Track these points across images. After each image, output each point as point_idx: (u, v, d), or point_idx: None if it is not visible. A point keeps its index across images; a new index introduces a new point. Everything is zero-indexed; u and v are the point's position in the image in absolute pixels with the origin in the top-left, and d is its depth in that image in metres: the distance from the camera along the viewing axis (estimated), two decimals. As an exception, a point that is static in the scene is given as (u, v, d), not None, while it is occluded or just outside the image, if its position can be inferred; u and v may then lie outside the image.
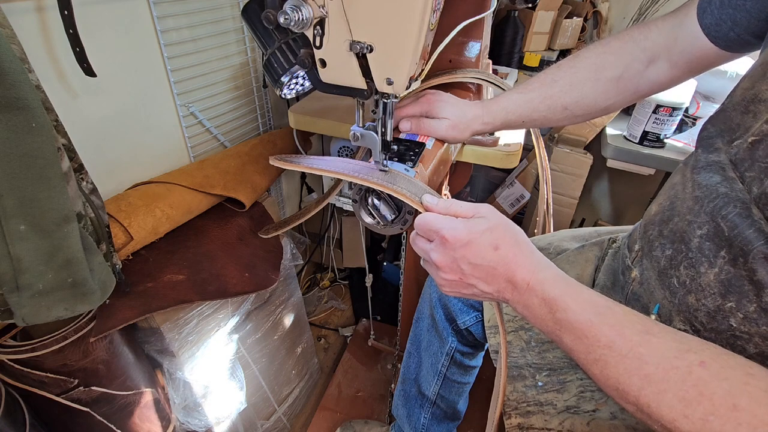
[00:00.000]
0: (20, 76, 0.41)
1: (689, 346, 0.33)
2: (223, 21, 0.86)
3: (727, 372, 0.31)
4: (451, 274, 0.43)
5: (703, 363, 0.31)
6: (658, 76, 0.57)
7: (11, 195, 0.43)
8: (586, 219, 1.62)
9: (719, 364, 0.31)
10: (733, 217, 0.37)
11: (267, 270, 0.85)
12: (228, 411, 0.89)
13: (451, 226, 0.42)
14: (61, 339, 0.58)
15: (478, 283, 0.42)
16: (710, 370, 0.31)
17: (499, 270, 0.41)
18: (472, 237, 0.41)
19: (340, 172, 0.52)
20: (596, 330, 0.36)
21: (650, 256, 0.48)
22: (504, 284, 0.41)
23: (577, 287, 0.39)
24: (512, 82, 1.11)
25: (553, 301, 0.38)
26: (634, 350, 0.34)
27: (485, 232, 0.41)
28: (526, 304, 0.40)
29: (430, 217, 0.44)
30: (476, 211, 0.44)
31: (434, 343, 0.85)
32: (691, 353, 0.32)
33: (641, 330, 0.35)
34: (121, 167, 0.75)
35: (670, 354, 0.33)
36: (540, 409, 0.55)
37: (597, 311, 0.37)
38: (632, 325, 0.35)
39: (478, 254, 0.41)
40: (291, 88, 0.71)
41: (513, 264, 0.40)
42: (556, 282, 0.39)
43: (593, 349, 0.36)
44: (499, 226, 0.42)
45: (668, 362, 0.32)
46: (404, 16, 0.42)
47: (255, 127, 1.04)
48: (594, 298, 0.38)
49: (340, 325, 1.49)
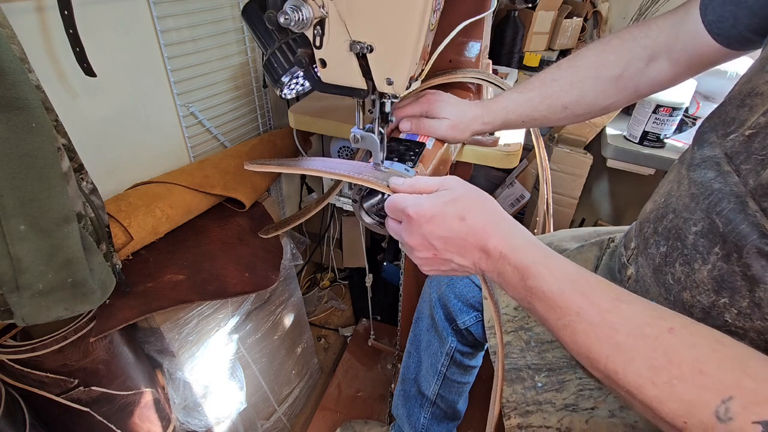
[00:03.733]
0: (20, 76, 0.41)
1: (660, 313, 0.33)
2: (223, 21, 0.86)
3: (696, 338, 0.30)
4: (424, 251, 0.43)
5: (672, 329, 0.31)
6: (658, 74, 0.57)
7: (11, 195, 0.43)
8: (586, 219, 1.62)
9: (688, 331, 0.31)
10: (727, 212, 0.37)
11: (267, 270, 0.85)
12: (228, 411, 0.89)
13: (415, 202, 0.42)
14: (61, 339, 0.58)
15: (453, 257, 0.41)
16: (679, 337, 0.31)
17: (469, 240, 0.40)
18: (435, 210, 0.41)
19: (340, 173, 0.51)
20: (567, 297, 0.35)
21: (645, 253, 0.48)
22: (478, 254, 0.40)
23: (550, 255, 0.38)
24: (512, 82, 1.11)
25: (525, 269, 0.38)
26: (605, 318, 0.33)
27: (448, 203, 0.41)
28: (500, 272, 0.40)
29: (397, 197, 0.44)
30: (441, 185, 0.43)
31: (434, 342, 0.85)
32: (662, 320, 0.32)
33: (612, 297, 0.34)
34: (121, 167, 0.75)
35: (641, 321, 0.32)
36: (539, 408, 0.55)
37: (569, 278, 0.36)
38: (603, 292, 0.35)
39: (444, 227, 0.40)
40: (291, 88, 0.70)
41: (483, 233, 0.40)
42: (529, 249, 0.39)
43: (563, 316, 0.35)
44: (463, 196, 0.42)
45: (638, 330, 0.32)
46: (404, 16, 0.42)
47: (255, 127, 1.04)
48: (566, 266, 0.37)
49: (340, 325, 1.49)
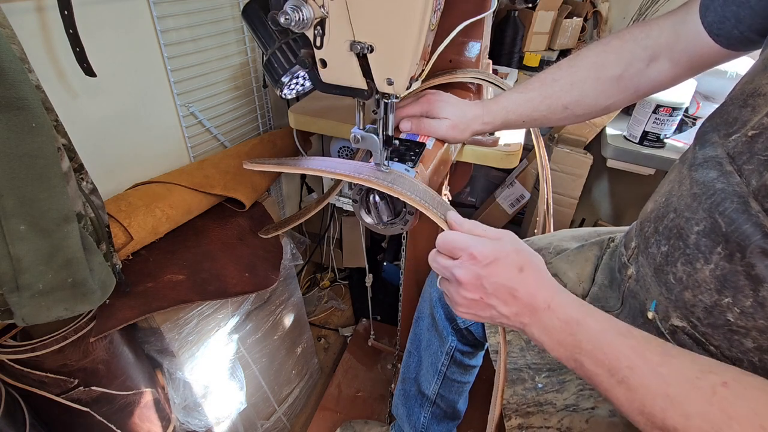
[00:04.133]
0: (20, 76, 0.41)
1: (710, 367, 0.33)
2: (223, 21, 0.86)
3: (750, 392, 0.31)
4: (473, 292, 0.43)
5: (725, 383, 0.31)
6: (659, 74, 0.57)
7: (11, 195, 0.43)
8: (586, 219, 1.62)
9: (742, 384, 0.31)
10: (730, 212, 0.37)
11: (267, 270, 0.85)
12: (228, 411, 0.89)
13: (480, 243, 0.42)
14: (61, 339, 0.58)
15: (498, 304, 0.42)
16: (733, 391, 0.31)
17: (521, 291, 0.41)
18: (499, 255, 0.41)
19: (340, 173, 0.51)
20: (618, 351, 0.35)
21: (646, 253, 0.48)
22: (523, 307, 0.41)
23: (595, 310, 0.39)
24: (512, 82, 1.11)
25: (574, 322, 0.38)
26: (656, 370, 0.33)
27: (512, 252, 0.42)
28: (546, 327, 0.40)
29: (457, 235, 0.44)
30: (503, 235, 0.44)
31: (434, 342, 0.85)
32: (713, 374, 0.32)
33: (661, 351, 0.35)
34: (121, 167, 0.75)
35: (691, 375, 0.32)
36: (540, 409, 0.55)
37: (618, 332, 0.37)
38: (652, 346, 0.35)
39: (503, 273, 0.41)
40: (291, 88, 0.70)
41: (534, 287, 0.41)
42: (575, 304, 0.39)
43: (616, 371, 0.35)
44: (524, 250, 0.43)
45: (690, 383, 0.32)
46: (405, 16, 0.42)
47: (255, 127, 1.04)
48: (614, 321, 0.38)
49: (340, 325, 1.49)
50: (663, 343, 0.36)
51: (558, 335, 0.39)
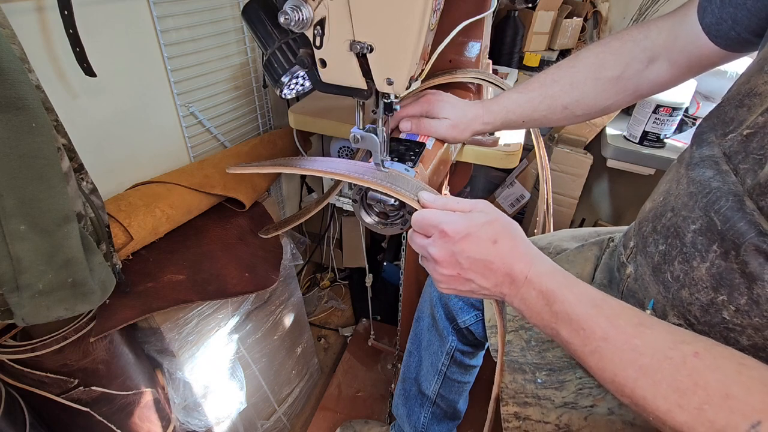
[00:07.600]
0: (20, 76, 0.41)
1: (682, 337, 0.34)
2: (223, 21, 0.86)
3: (720, 362, 0.31)
4: (449, 268, 0.43)
5: (696, 353, 0.32)
6: (658, 75, 0.57)
7: (11, 195, 0.43)
8: (586, 219, 1.62)
9: (712, 354, 0.32)
10: (725, 211, 0.37)
11: (267, 270, 0.85)
12: (228, 411, 0.89)
13: (451, 219, 0.42)
14: (61, 339, 0.58)
15: (476, 277, 0.42)
16: (704, 361, 0.31)
17: (496, 264, 0.41)
18: (471, 230, 0.41)
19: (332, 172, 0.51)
20: (592, 322, 0.36)
21: (644, 252, 0.49)
22: (502, 278, 0.41)
23: (573, 280, 0.39)
24: (512, 82, 1.11)
25: (550, 293, 0.39)
26: (630, 342, 0.34)
27: (484, 225, 0.42)
28: (524, 298, 0.40)
29: (428, 212, 0.44)
30: (474, 207, 0.44)
31: (434, 342, 0.85)
32: (685, 344, 0.33)
33: (636, 322, 0.35)
34: (121, 167, 0.75)
35: (664, 345, 0.33)
36: (537, 402, 0.55)
37: (593, 303, 0.37)
38: (627, 317, 0.36)
39: (477, 247, 0.41)
40: (291, 88, 0.70)
41: (510, 258, 0.41)
42: (553, 275, 0.40)
43: (590, 341, 0.36)
44: (497, 220, 0.43)
45: (662, 353, 0.33)
46: (405, 16, 0.42)
47: (255, 127, 1.04)
48: (590, 291, 0.38)
49: (340, 325, 1.49)
50: (639, 313, 0.36)
51: (535, 306, 0.40)
